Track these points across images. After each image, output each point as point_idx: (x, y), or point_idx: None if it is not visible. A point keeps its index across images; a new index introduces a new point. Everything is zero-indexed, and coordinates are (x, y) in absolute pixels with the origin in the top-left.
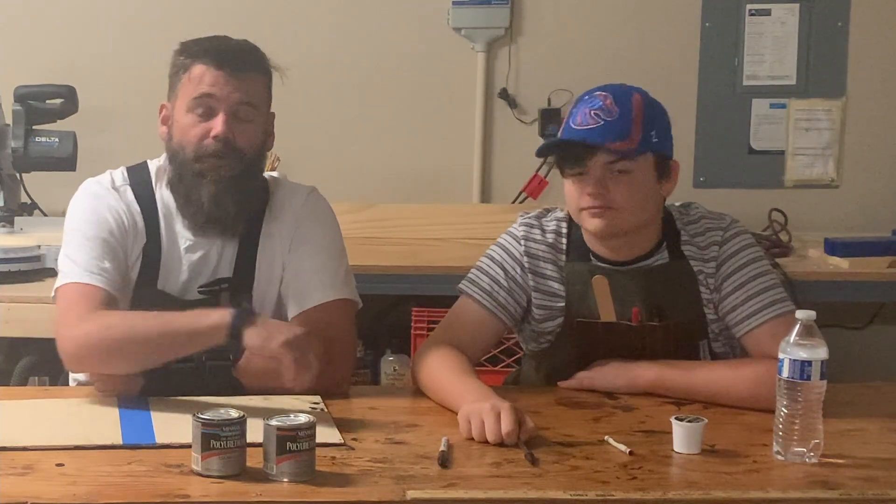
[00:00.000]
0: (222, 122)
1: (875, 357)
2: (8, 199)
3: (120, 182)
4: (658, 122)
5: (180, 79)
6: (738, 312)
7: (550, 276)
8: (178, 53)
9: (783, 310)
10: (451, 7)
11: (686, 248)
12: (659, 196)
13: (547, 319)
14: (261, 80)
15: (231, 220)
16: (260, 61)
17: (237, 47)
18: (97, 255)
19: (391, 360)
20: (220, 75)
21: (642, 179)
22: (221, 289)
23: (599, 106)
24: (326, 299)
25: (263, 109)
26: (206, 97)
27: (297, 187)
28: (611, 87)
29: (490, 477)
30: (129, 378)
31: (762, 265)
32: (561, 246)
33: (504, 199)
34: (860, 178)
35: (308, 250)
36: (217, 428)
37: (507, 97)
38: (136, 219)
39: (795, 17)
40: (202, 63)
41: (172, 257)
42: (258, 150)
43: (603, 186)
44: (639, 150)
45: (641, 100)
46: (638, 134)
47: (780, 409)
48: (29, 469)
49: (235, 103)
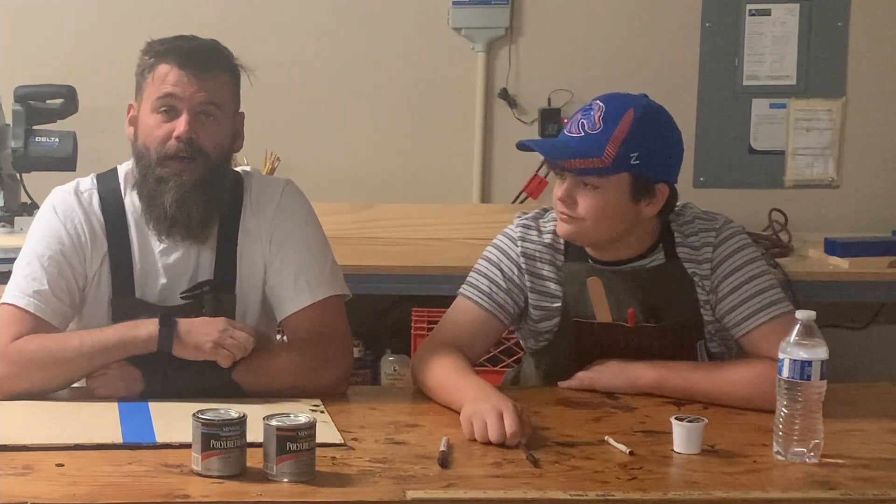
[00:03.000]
0: (185, 122)
1: (875, 357)
2: (8, 199)
3: (86, 187)
4: (646, 145)
5: (145, 78)
6: (737, 314)
7: (547, 277)
8: (144, 53)
9: (782, 310)
10: (451, 7)
11: (680, 251)
12: (637, 214)
13: (544, 319)
14: (226, 79)
15: (196, 225)
16: (225, 60)
17: (202, 46)
18: (38, 276)
19: (391, 360)
20: (184, 75)
21: (611, 197)
22: (203, 292)
23: (590, 118)
24: (315, 300)
25: (229, 109)
26: (169, 97)
27: (272, 181)
28: (612, 98)
29: (490, 477)
30: (128, 382)
31: (759, 266)
32: (559, 246)
33: (504, 199)
34: (860, 178)
35: (290, 250)
36: (217, 428)
37: (507, 97)
38: (95, 226)
39: (795, 17)
40: (166, 62)
41: (147, 262)
42: (224, 150)
43: (570, 195)
44: (610, 169)
45: (632, 119)
46: (613, 152)
47: (780, 409)
48: (29, 469)
49: (199, 103)
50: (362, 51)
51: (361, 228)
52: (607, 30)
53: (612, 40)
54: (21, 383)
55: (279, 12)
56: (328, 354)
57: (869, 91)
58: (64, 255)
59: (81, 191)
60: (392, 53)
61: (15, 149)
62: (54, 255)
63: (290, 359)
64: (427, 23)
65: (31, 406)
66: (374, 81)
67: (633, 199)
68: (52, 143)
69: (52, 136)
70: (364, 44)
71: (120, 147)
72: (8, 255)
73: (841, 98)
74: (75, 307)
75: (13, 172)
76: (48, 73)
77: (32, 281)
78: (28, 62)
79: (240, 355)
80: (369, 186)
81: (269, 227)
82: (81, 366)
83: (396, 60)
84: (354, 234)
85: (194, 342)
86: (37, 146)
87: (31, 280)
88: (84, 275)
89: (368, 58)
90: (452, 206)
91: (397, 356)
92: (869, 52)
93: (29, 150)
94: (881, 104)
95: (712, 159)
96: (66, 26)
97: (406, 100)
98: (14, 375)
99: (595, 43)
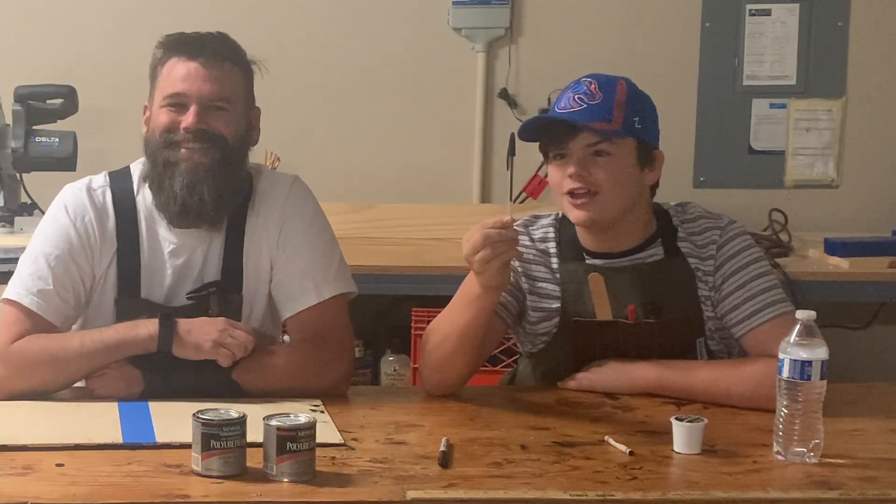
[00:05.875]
0: (193, 113)
1: (875, 357)
2: (8, 199)
3: (98, 185)
4: (643, 110)
5: (157, 75)
6: (739, 312)
7: (543, 279)
8: (155, 48)
9: (783, 310)
10: (451, 7)
11: (683, 245)
12: (641, 184)
13: (542, 321)
14: (235, 71)
15: (209, 210)
16: (233, 52)
17: (210, 39)
18: (44, 274)
19: (391, 360)
20: (192, 67)
21: (623, 163)
22: (210, 293)
23: (584, 91)
24: (320, 299)
25: (240, 101)
26: (177, 95)
27: (279, 177)
28: (597, 75)
29: (490, 477)
30: (128, 382)
31: (763, 266)
32: (550, 250)
33: (504, 200)
34: (860, 178)
35: (297, 249)
36: (217, 428)
37: (507, 97)
38: (106, 225)
39: (795, 17)
40: (175, 56)
41: (155, 262)
42: (240, 139)
43: (584, 168)
44: (621, 132)
45: (626, 86)
46: (620, 117)
47: (780, 409)
48: (29, 469)
49: (207, 96)
50: (362, 51)
51: (361, 228)
52: (607, 30)
53: (612, 40)
54: (22, 384)
55: (279, 12)
56: (329, 356)
57: (869, 91)
58: (71, 254)
59: (94, 188)
60: (392, 53)
61: (15, 149)
62: (61, 255)
63: (290, 360)
64: (427, 23)
65: (31, 406)
66: (375, 81)
67: (640, 164)
68: (52, 143)
69: (52, 136)
70: (364, 44)
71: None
72: (8, 255)
73: (841, 98)
74: (80, 307)
75: (13, 172)
76: (48, 73)
77: (38, 280)
78: (28, 62)
79: (240, 354)
80: (369, 186)
81: (277, 224)
82: (82, 366)
83: (396, 60)
84: (354, 234)
85: (194, 342)
86: (37, 146)
87: (37, 279)
88: (91, 275)
89: (368, 58)
90: (452, 206)
91: (397, 356)
92: (869, 52)
93: (29, 150)
94: (881, 104)
95: (712, 159)
96: (66, 26)
97: (406, 100)
98: (15, 376)
99: (595, 43)
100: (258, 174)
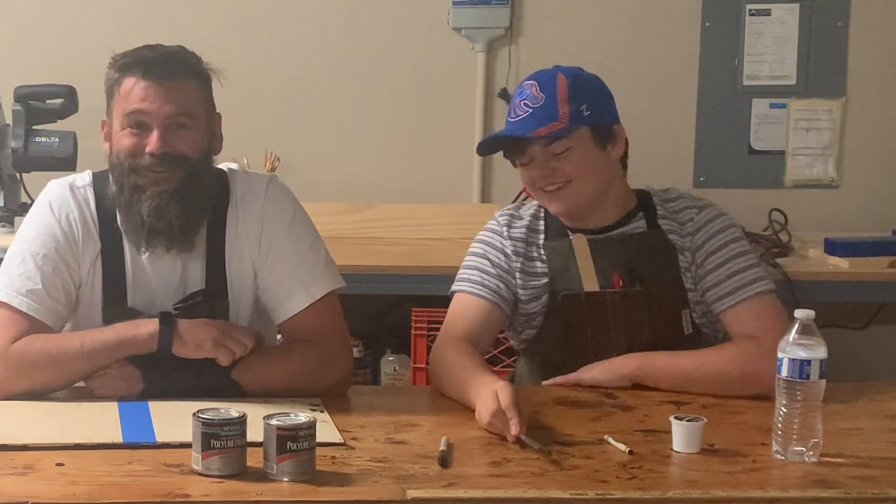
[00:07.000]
0: (157, 137)
1: (875, 357)
2: (8, 199)
3: (82, 184)
4: (588, 96)
5: (113, 94)
6: (719, 289)
7: (534, 257)
8: (109, 68)
9: (762, 288)
10: (451, 7)
11: (663, 222)
12: (609, 162)
13: (532, 300)
14: (193, 85)
15: (179, 232)
16: (190, 66)
17: (165, 54)
18: (32, 274)
19: (391, 360)
20: (149, 86)
21: (583, 152)
22: (197, 302)
23: (528, 95)
24: (312, 300)
25: (201, 115)
26: (137, 114)
27: (255, 178)
28: (538, 74)
29: (490, 477)
30: (128, 381)
31: (743, 245)
32: (539, 228)
33: (504, 199)
34: (860, 178)
35: (281, 252)
36: (217, 427)
37: (507, 97)
38: (89, 223)
39: (795, 17)
40: (130, 75)
41: (138, 269)
42: (203, 151)
43: (548, 167)
44: (570, 127)
45: (565, 79)
46: (566, 112)
47: (779, 408)
48: (29, 469)
49: (167, 116)
50: (362, 51)
51: (361, 228)
52: (607, 30)
53: (612, 40)
54: (22, 384)
55: (279, 12)
56: (329, 356)
57: (869, 91)
58: (59, 252)
59: (77, 186)
60: (392, 53)
61: (15, 149)
62: (49, 254)
63: (290, 363)
64: (427, 23)
65: (31, 406)
66: (374, 81)
67: (600, 146)
68: (52, 143)
69: (52, 136)
70: (364, 44)
71: None
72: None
73: (841, 98)
74: (71, 306)
75: (13, 172)
76: (48, 73)
77: (26, 280)
78: (28, 62)
79: (240, 353)
80: (369, 186)
81: (257, 228)
82: (82, 366)
83: (396, 60)
84: (354, 234)
85: (194, 340)
86: (37, 146)
87: (25, 279)
88: (79, 273)
89: (368, 58)
90: (452, 206)
91: (397, 356)
92: (869, 52)
93: (29, 150)
94: (881, 104)
95: (712, 159)
96: (66, 26)
97: (406, 100)
98: (15, 377)
99: (595, 43)
100: (233, 177)
